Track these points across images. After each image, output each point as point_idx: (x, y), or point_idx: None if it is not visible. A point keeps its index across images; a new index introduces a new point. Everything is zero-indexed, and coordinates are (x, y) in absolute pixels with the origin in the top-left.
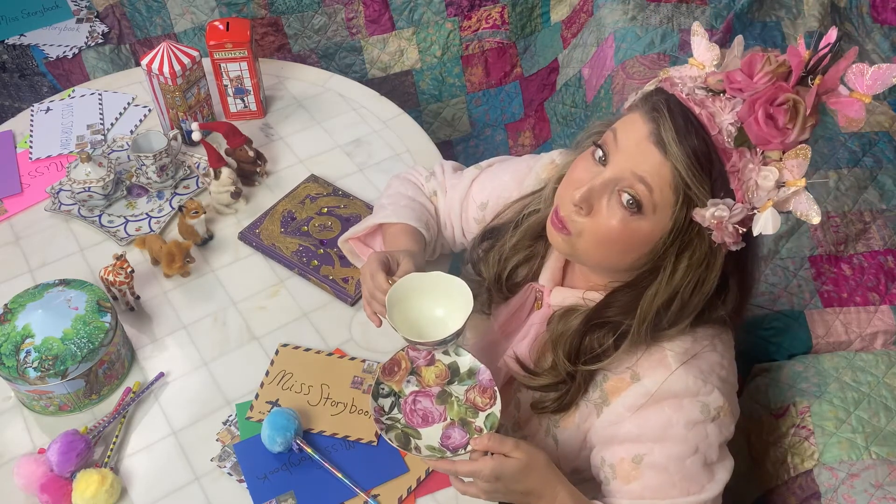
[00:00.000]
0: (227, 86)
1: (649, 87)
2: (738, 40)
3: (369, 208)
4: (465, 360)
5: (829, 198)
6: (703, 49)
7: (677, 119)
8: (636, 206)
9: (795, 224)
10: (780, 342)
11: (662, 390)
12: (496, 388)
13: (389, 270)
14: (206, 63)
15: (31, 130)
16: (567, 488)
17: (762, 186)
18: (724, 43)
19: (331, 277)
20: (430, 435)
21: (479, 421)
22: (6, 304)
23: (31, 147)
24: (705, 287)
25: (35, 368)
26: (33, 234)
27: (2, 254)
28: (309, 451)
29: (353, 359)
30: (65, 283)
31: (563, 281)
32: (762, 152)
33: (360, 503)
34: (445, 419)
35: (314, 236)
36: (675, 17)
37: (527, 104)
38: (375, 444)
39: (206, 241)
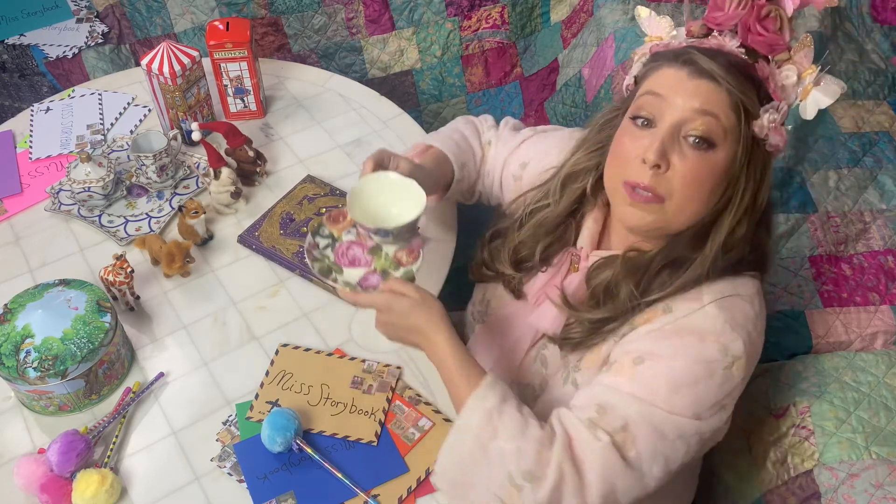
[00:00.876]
0: (227, 86)
1: (645, 58)
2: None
3: None
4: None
5: (829, 198)
6: (653, 25)
7: (708, 52)
8: (706, 143)
9: (795, 224)
10: (780, 342)
11: (688, 321)
12: (423, 251)
13: (382, 165)
14: (206, 63)
15: (31, 130)
16: (450, 338)
17: (787, 85)
18: None
19: None
20: (352, 275)
21: (398, 274)
22: (6, 304)
23: (31, 147)
24: (759, 201)
25: (35, 368)
26: (33, 234)
27: (2, 254)
28: (309, 451)
29: (352, 359)
30: (65, 283)
31: (599, 245)
32: (773, 59)
33: (360, 503)
34: (370, 267)
35: None
36: (676, 17)
37: (527, 104)
38: (375, 443)
39: (206, 241)
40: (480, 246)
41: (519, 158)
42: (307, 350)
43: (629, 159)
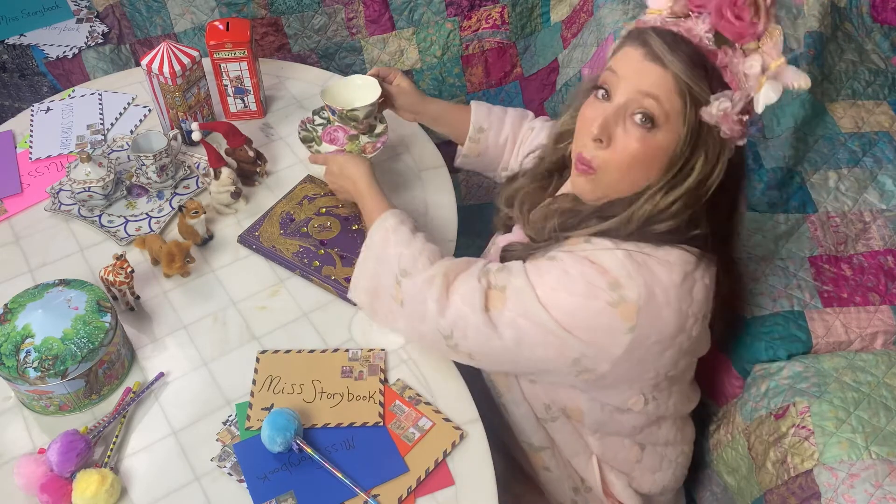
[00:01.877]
0: (227, 86)
1: (624, 32)
2: None
3: None
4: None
5: (829, 198)
6: None
7: (665, 36)
8: (650, 121)
9: (795, 224)
10: (780, 342)
11: (597, 255)
12: (383, 146)
13: (384, 75)
14: (206, 63)
15: (31, 130)
16: (370, 181)
17: (750, 74)
18: None
19: (333, 278)
20: (326, 148)
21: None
22: (6, 304)
23: (31, 147)
24: (709, 183)
25: (35, 368)
26: (33, 234)
27: (2, 254)
28: (309, 451)
29: (335, 350)
30: (65, 283)
31: None
32: (741, 46)
33: (360, 503)
34: (342, 146)
35: (314, 237)
36: None
37: (527, 104)
38: (381, 423)
39: (206, 241)
40: (500, 196)
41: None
42: (287, 352)
43: (584, 130)
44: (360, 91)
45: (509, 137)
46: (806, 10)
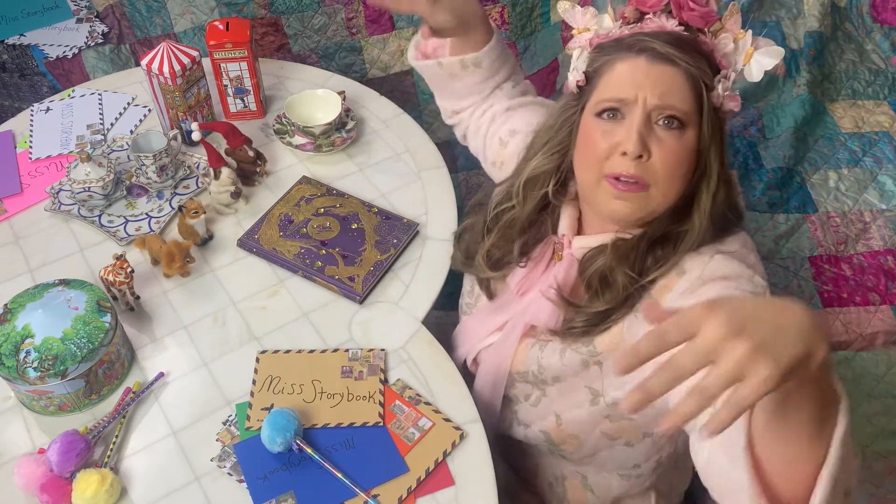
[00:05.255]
0: (227, 86)
1: (580, 50)
2: None
3: (365, 206)
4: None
5: (829, 198)
6: (578, 18)
7: (662, 36)
8: (678, 123)
9: (795, 224)
10: None
11: (710, 273)
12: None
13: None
14: (206, 63)
15: (31, 130)
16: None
17: (728, 52)
18: None
19: (336, 277)
20: (297, 141)
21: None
22: (6, 304)
23: (30, 147)
24: (725, 165)
25: (35, 368)
26: (33, 234)
27: (2, 254)
28: (309, 451)
29: (335, 350)
30: (65, 283)
31: (580, 231)
32: (709, 29)
33: (360, 503)
34: (313, 141)
35: (314, 237)
36: None
37: None
38: (381, 423)
39: (205, 241)
40: (455, 243)
41: (511, 123)
42: (287, 352)
43: (607, 155)
44: (324, 105)
45: (488, 106)
46: (806, 10)
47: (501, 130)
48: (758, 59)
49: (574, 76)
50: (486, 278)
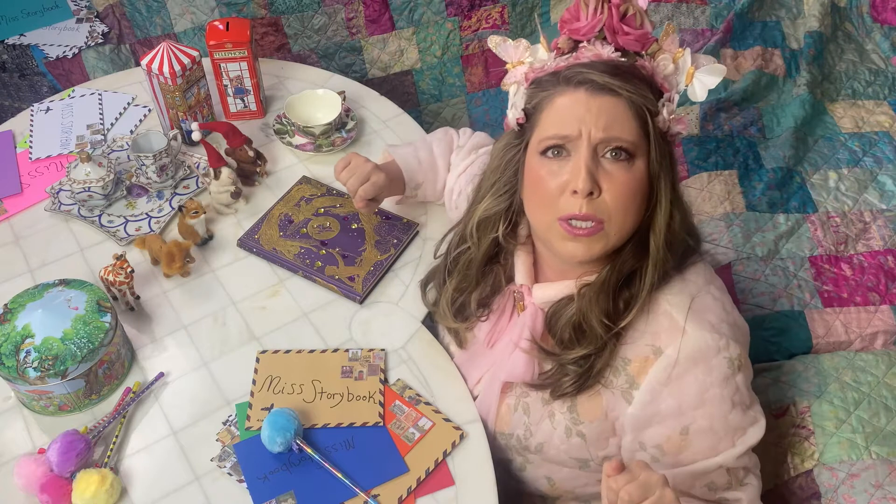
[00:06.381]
0: (227, 86)
1: (516, 86)
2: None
3: None
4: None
5: (830, 198)
6: (510, 52)
7: (599, 66)
8: (626, 154)
9: (795, 224)
10: (780, 342)
11: (687, 355)
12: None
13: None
14: (206, 63)
15: (31, 130)
16: None
17: (668, 73)
18: (725, 42)
19: (336, 277)
20: (297, 141)
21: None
22: (6, 304)
23: (30, 147)
24: (677, 189)
25: (35, 368)
26: (33, 234)
27: (2, 254)
28: (309, 451)
29: (335, 350)
30: (65, 283)
31: (537, 279)
32: (646, 52)
33: (360, 503)
34: (313, 141)
35: (314, 237)
36: (676, 17)
37: None
38: (381, 423)
39: (205, 241)
40: (421, 292)
41: (462, 186)
42: (287, 352)
43: (557, 195)
44: (324, 105)
45: (446, 180)
46: (806, 10)
47: (459, 198)
48: (700, 79)
49: (513, 114)
50: (454, 328)
